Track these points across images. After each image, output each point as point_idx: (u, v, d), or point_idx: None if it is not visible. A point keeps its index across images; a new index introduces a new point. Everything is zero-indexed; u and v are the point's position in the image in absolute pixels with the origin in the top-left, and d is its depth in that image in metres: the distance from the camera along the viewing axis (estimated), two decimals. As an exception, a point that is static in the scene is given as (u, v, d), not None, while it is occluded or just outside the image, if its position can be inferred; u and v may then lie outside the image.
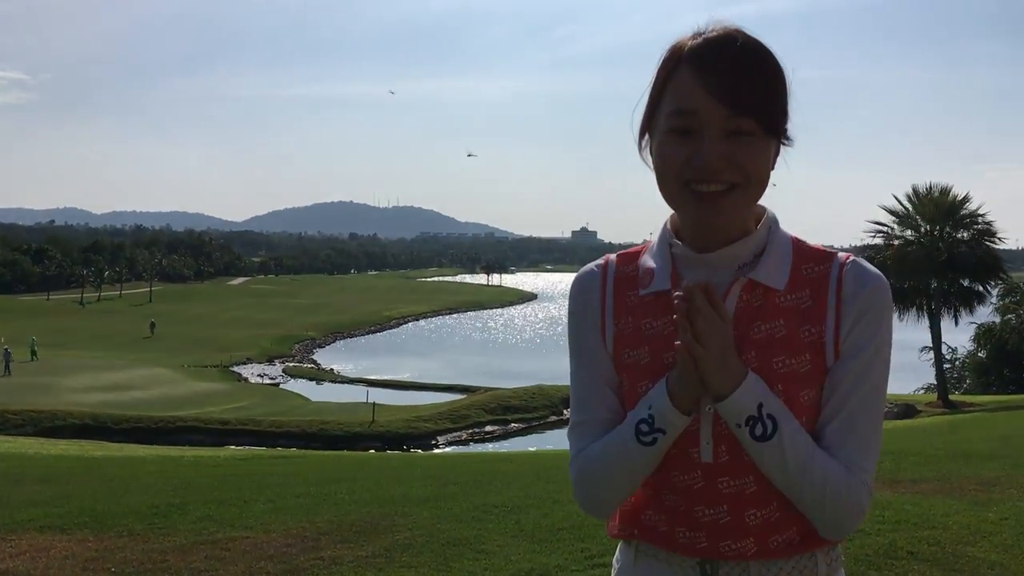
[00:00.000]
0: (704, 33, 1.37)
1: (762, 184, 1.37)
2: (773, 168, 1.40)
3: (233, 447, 27.99)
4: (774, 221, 1.47)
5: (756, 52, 1.35)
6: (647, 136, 1.44)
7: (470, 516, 6.58)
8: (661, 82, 1.39)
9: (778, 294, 1.40)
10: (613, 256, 1.55)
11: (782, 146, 1.40)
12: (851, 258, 1.42)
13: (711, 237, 1.41)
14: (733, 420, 1.34)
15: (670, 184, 1.38)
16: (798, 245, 1.45)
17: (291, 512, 6.95)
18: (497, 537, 5.88)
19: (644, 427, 1.40)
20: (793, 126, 1.40)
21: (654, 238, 1.52)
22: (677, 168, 1.36)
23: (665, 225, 1.50)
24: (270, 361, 62.83)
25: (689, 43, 1.37)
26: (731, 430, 1.36)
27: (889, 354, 1.41)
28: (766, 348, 1.38)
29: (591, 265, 1.56)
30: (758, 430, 1.33)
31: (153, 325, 76.00)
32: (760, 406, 1.33)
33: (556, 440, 32.32)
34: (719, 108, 1.32)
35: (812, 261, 1.43)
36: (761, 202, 1.42)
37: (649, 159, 1.42)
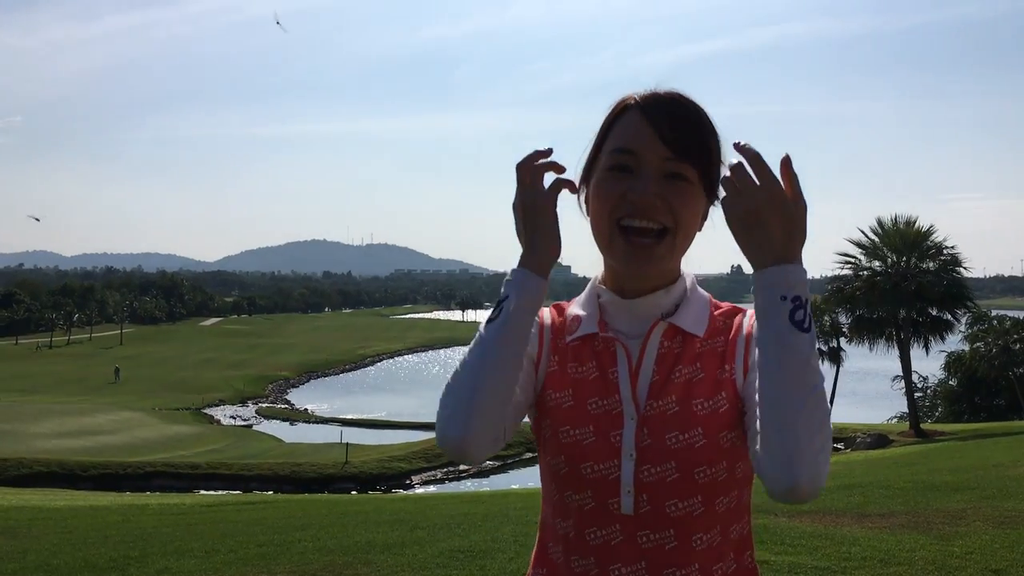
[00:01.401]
0: (652, 89, 1.44)
1: (689, 234, 1.41)
2: (701, 228, 1.44)
3: (203, 492, 27.57)
4: (692, 280, 1.51)
5: (698, 111, 1.42)
6: (584, 187, 1.46)
7: (434, 563, 6.47)
8: (605, 129, 1.45)
9: (697, 340, 1.43)
10: (547, 307, 1.57)
11: (711, 207, 1.44)
12: None
13: (637, 284, 1.44)
14: (780, 291, 1.25)
15: (603, 222, 1.41)
16: (713, 302, 1.51)
17: (252, 562, 6.81)
18: (461, 584, 5.78)
19: (494, 310, 1.40)
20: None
21: (584, 291, 1.54)
22: (612, 204, 1.39)
23: (594, 280, 1.53)
24: (243, 402, 62.27)
25: (637, 94, 1.44)
26: (769, 304, 1.25)
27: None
28: (686, 391, 1.39)
29: None
30: (798, 315, 1.24)
31: (118, 371, 72.59)
32: (805, 297, 1.27)
33: (531, 477, 32.14)
34: (662, 148, 1.37)
35: (726, 315, 1.48)
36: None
37: (586, 208, 1.45)
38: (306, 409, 58.77)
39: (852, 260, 32.72)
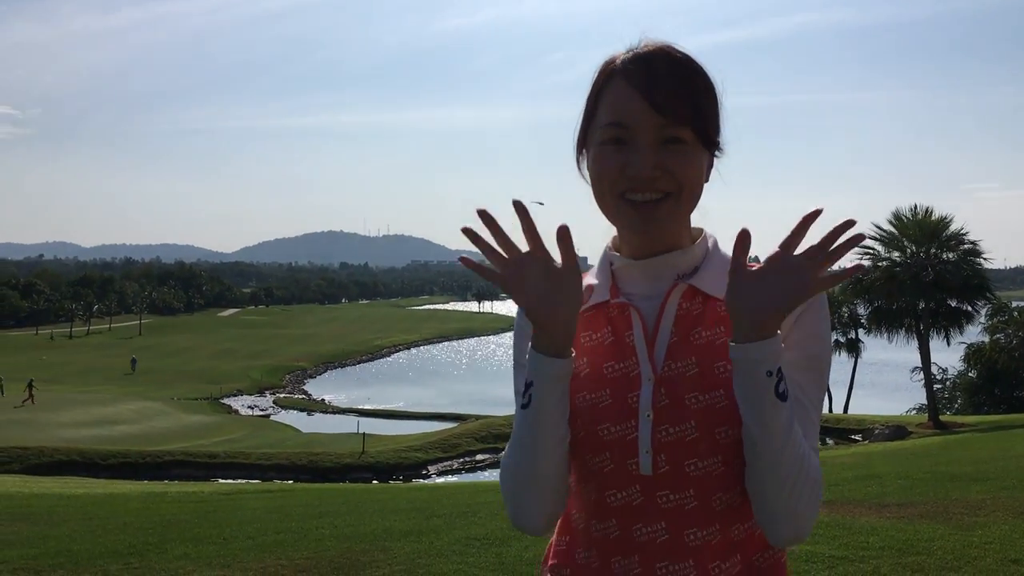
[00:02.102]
0: (636, 48, 1.39)
1: (695, 194, 1.39)
2: (707, 180, 1.41)
3: (221, 480, 27.75)
4: (714, 240, 1.48)
5: (689, 66, 1.38)
6: (583, 152, 1.44)
7: (451, 550, 6.49)
8: (594, 96, 1.41)
9: (718, 302, 1.39)
10: None
11: (715, 159, 1.42)
12: None
13: (648, 245, 1.42)
14: (765, 366, 1.25)
15: (605, 196, 1.39)
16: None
17: (270, 549, 6.85)
18: (477, 571, 5.80)
19: (523, 395, 1.37)
20: (735, 144, 1.42)
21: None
22: (612, 178, 1.37)
23: (607, 245, 1.51)
24: (261, 392, 62.58)
25: (621, 57, 1.40)
26: (754, 381, 1.25)
27: (831, 340, 1.42)
28: (707, 353, 1.38)
29: None
30: (782, 387, 1.26)
31: (134, 362, 72.71)
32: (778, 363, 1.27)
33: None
34: (654, 117, 1.34)
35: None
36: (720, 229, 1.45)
37: (586, 174, 1.43)
38: (323, 399, 59.00)
39: (871, 251, 32.51)
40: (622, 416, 1.37)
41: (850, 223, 1.25)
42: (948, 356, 40.90)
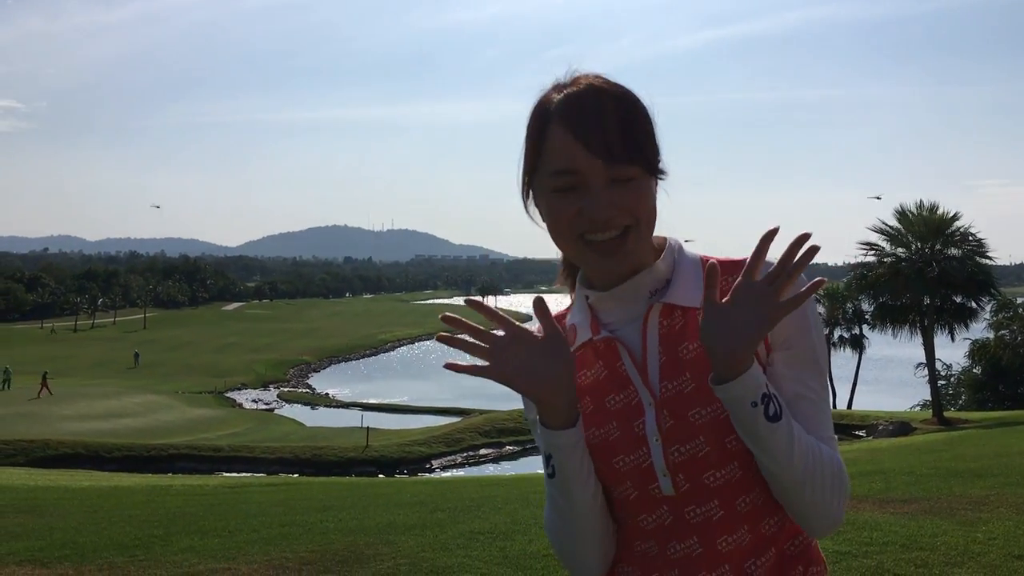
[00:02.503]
0: (566, 87, 1.39)
1: (652, 220, 1.39)
2: (655, 199, 1.41)
3: (225, 474, 27.80)
4: (678, 247, 1.48)
5: (620, 99, 1.37)
6: (529, 195, 1.44)
7: (455, 544, 6.52)
8: (534, 141, 1.40)
9: (697, 311, 1.39)
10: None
11: (659, 179, 1.41)
12: None
13: (615, 275, 1.42)
14: (749, 398, 1.27)
15: (565, 239, 1.39)
16: (707, 261, 1.44)
17: (275, 542, 6.87)
18: (482, 565, 5.82)
19: (547, 466, 1.41)
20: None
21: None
22: (568, 222, 1.37)
23: (578, 279, 1.51)
24: (265, 386, 62.63)
25: (555, 99, 1.38)
26: (743, 414, 1.28)
27: (822, 329, 1.43)
28: (700, 366, 1.38)
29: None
30: (771, 409, 1.28)
31: (137, 356, 71.98)
32: (767, 384, 1.30)
33: (551, 462, 32.17)
34: (597, 163, 1.33)
35: (725, 273, 1.40)
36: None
37: (536, 215, 1.44)
38: (327, 393, 59.02)
39: (876, 247, 32.47)
40: (633, 445, 1.40)
41: (805, 236, 1.27)
42: (952, 352, 40.81)
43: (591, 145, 1.33)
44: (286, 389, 61.63)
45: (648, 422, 1.39)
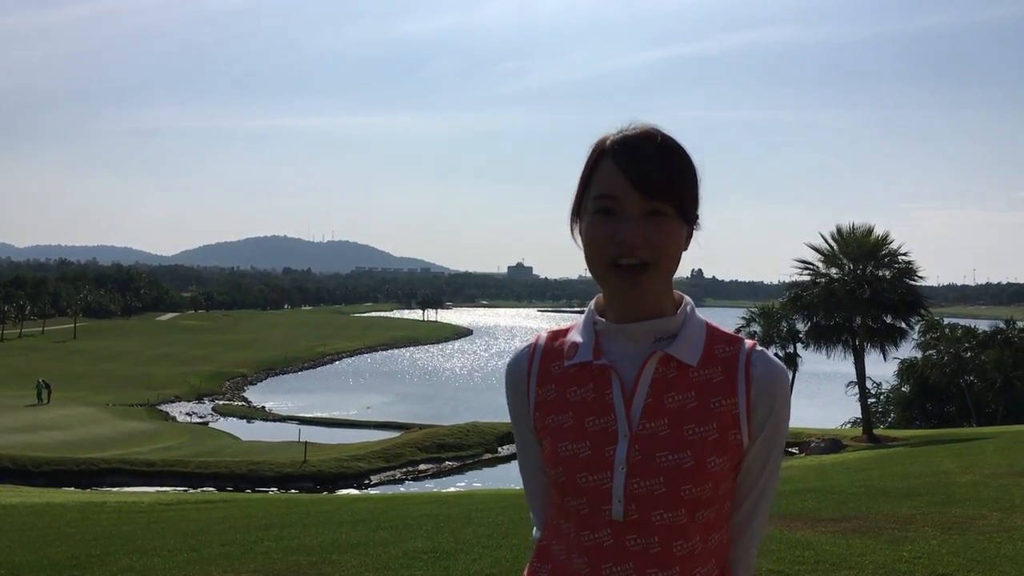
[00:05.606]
0: (625, 131, 1.56)
1: (673, 262, 1.55)
2: (686, 249, 1.58)
3: (159, 489, 27.27)
4: (691, 307, 1.63)
5: (669, 148, 1.54)
6: (577, 219, 1.61)
7: (399, 563, 6.55)
8: (588, 171, 1.58)
9: (691, 369, 1.56)
10: (544, 333, 1.72)
11: (694, 231, 1.58)
12: (756, 344, 1.61)
13: (631, 310, 1.57)
14: None
15: (596, 261, 1.55)
16: (711, 328, 1.63)
17: (216, 562, 6.83)
18: (425, 585, 5.86)
19: None
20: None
21: (581, 317, 1.68)
22: (602, 245, 1.52)
23: (590, 306, 1.66)
24: (199, 399, 61.44)
25: (611, 138, 1.56)
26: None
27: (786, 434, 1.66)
28: (678, 416, 1.54)
29: (523, 345, 1.74)
30: None
31: (42, 388, 51.88)
32: None
33: (490, 478, 32.22)
34: (636, 195, 1.50)
35: (723, 343, 1.59)
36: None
37: (579, 240, 1.60)
38: (264, 407, 58.13)
39: (810, 267, 33.28)
40: (600, 467, 1.53)
41: None
42: (882, 370, 41.89)
43: (633, 178, 1.51)
44: (221, 402, 60.55)
45: (619, 451, 1.53)
